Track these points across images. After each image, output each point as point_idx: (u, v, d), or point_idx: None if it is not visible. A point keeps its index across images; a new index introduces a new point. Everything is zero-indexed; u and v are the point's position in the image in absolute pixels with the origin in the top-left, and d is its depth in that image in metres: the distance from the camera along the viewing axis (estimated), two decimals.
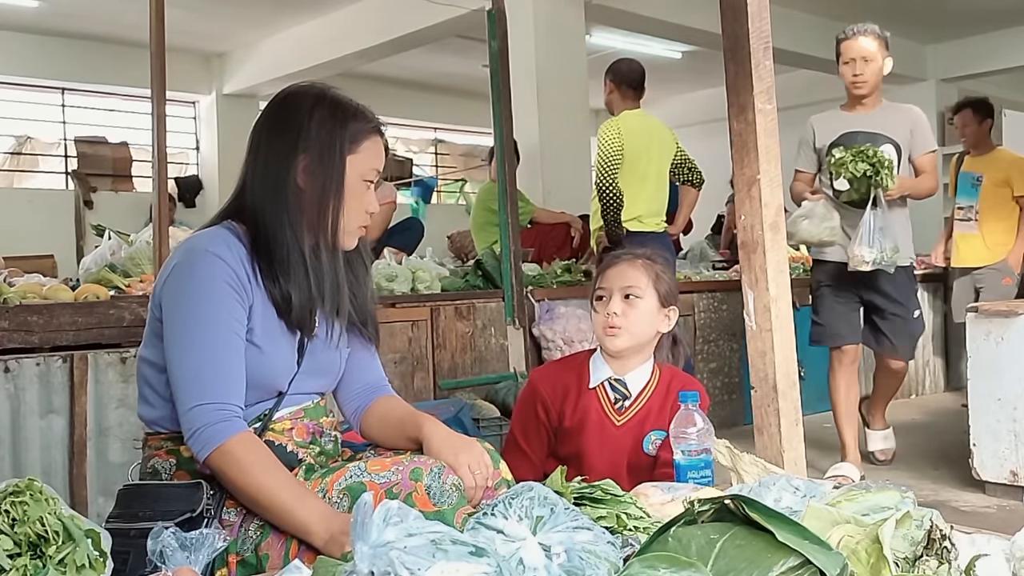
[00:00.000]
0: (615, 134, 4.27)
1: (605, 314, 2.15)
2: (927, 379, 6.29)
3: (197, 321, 1.56)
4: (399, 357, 3.80)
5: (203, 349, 1.55)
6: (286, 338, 1.67)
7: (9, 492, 1.22)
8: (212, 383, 1.54)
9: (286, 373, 1.67)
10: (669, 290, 2.21)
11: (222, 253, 1.60)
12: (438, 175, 11.29)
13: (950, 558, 1.22)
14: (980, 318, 3.48)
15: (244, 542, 1.53)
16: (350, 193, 1.67)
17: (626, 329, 2.14)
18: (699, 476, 1.84)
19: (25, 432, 2.85)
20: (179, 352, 1.56)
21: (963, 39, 9.14)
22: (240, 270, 1.61)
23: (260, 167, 1.69)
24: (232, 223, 1.68)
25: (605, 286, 2.19)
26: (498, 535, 1.23)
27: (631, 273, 2.18)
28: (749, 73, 2.00)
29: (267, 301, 1.64)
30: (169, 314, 1.60)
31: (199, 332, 1.56)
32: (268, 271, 1.63)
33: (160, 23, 3.14)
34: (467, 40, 7.75)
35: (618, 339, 2.15)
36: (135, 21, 4.92)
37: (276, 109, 1.72)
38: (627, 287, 2.16)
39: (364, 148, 1.69)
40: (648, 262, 2.21)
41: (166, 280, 1.63)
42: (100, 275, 3.55)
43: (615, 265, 2.22)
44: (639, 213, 4.32)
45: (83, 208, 8.51)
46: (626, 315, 2.14)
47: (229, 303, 1.58)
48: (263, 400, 1.66)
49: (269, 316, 1.64)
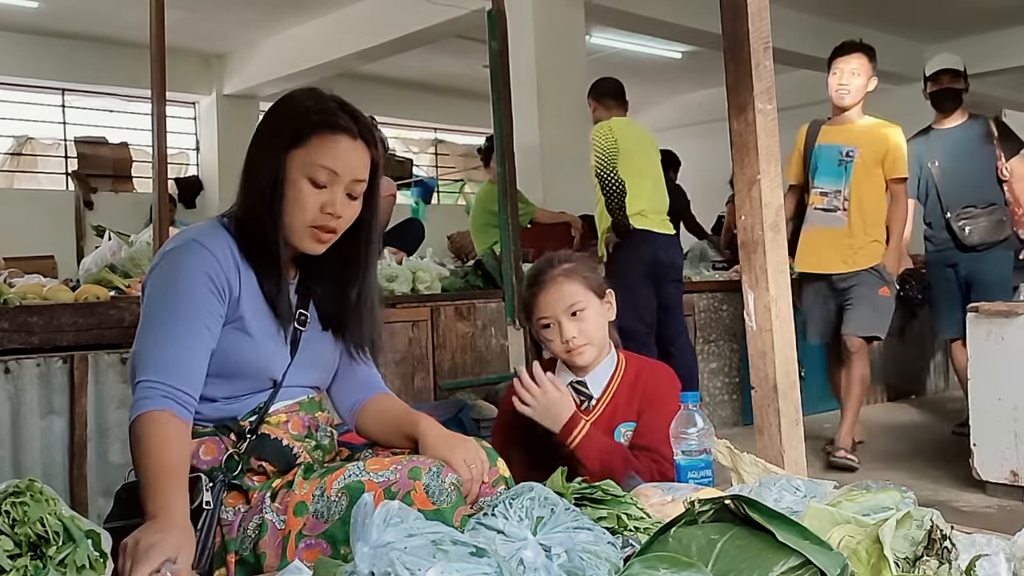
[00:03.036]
0: (607, 132, 4.37)
1: (562, 341, 2.12)
2: (927, 379, 6.29)
3: (167, 304, 1.57)
4: (399, 357, 3.81)
5: (164, 330, 1.55)
6: (277, 328, 1.67)
7: (9, 492, 1.22)
8: (163, 363, 1.53)
9: (279, 362, 1.68)
10: (597, 280, 2.19)
11: (208, 243, 1.61)
12: (438, 175, 11.30)
13: (950, 558, 1.22)
14: (980, 318, 3.48)
15: (243, 541, 1.53)
16: (291, 189, 1.62)
17: (588, 343, 2.13)
18: (699, 476, 1.84)
19: (25, 433, 2.85)
20: (143, 330, 1.58)
21: (963, 39, 9.13)
22: (227, 261, 1.62)
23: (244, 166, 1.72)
24: (223, 217, 1.71)
25: (547, 314, 2.13)
26: (498, 535, 1.23)
27: (565, 290, 2.12)
28: (749, 73, 2.00)
29: (258, 292, 1.65)
30: (144, 298, 1.62)
31: (166, 314, 1.57)
32: (253, 260, 1.65)
33: (160, 24, 3.14)
34: (467, 40, 7.76)
35: (585, 355, 2.14)
36: (135, 22, 4.92)
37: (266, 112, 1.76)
38: (569, 306, 2.12)
39: (310, 144, 1.63)
40: (568, 270, 2.15)
41: (152, 268, 1.66)
42: (100, 276, 3.56)
43: (543, 290, 2.13)
44: (642, 208, 4.34)
45: (83, 209, 8.52)
46: (582, 331, 2.12)
47: (203, 293, 1.58)
48: (258, 391, 1.66)
49: (260, 306, 1.65)
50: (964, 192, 4.57)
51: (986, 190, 4.58)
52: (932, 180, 4.64)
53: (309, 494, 1.51)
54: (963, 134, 4.69)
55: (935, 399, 6.06)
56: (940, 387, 6.32)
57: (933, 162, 4.63)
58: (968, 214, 4.55)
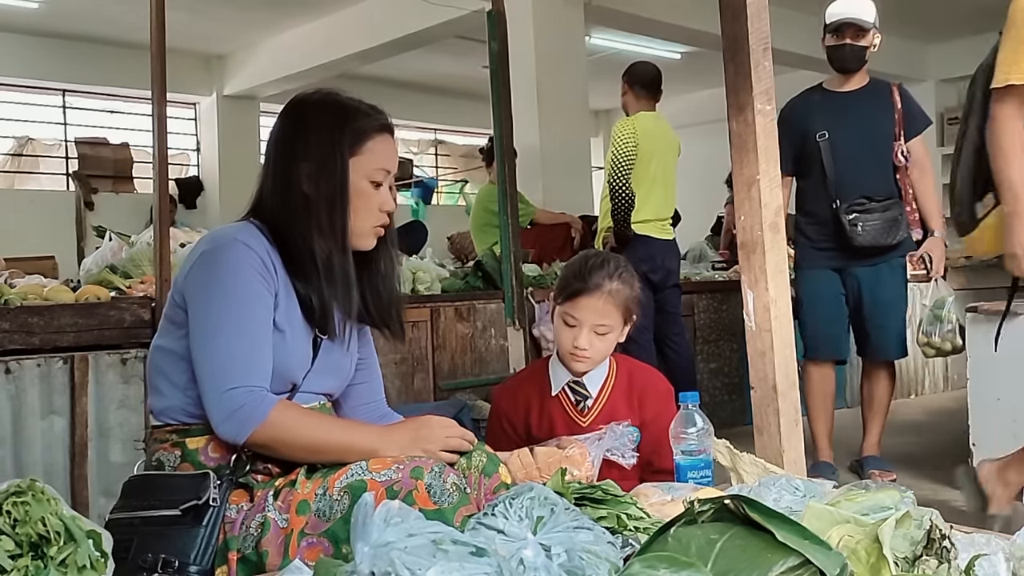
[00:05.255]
0: (630, 133, 4.29)
1: (573, 344, 2.12)
2: (927, 379, 6.29)
3: (227, 305, 1.58)
4: (399, 358, 3.81)
5: (233, 333, 1.56)
6: (305, 331, 1.69)
7: (11, 492, 1.22)
8: (244, 367, 1.55)
9: (302, 365, 1.69)
10: (634, 305, 2.18)
11: (249, 241, 1.63)
12: (438, 176, 11.31)
13: (950, 558, 1.22)
14: (980, 318, 3.48)
15: (245, 539, 1.53)
16: (357, 196, 1.68)
17: (592, 358, 2.15)
18: (699, 476, 1.84)
19: (26, 433, 2.85)
20: (207, 337, 1.57)
21: (963, 39, 9.14)
22: (266, 258, 1.64)
23: (270, 178, 1.73)
24: (255, 220, 1.72)
25: (577, 316, 2.12)
26: (498, 535, 1.23)
27: (604, 310, 2.12)
28: (748, 74, 2.01)
29: (291, 292, 1.67)
30: (195, 301, 1.61)
31: (229, 316, 1.57)
32: (287, 269, 1.67)
33: (161, 25, 3.14)
34: (467, 41, 7.77)
35: (583, 365, 2.17)
36: (136, 23, 4.93)
37: (282, 118, 1.75)
38: (599, 324, 2.12)
39: (367, 149, 1.69)
40: (617, 291, 2.13)
41: (191, 268, 1.65)
42: (101, 276, 3.56)
43: (588, 294, 2.12)
44: (647, 216, 4.33)
45: (84, 209, 8.53)
46: (593, 346, 2.13)
47: (258, 288, 1.60)
48: (278, 392, 1.67)
49: (292, 307, 1.67)
50: (859, 178, 3.67)
51: (884, 178, 3.73)
52: (819, 157, 3.70)
53: (312, 493, 1.52)
54: (865, 102, 3.78)
55: (935, 399, 6.06)
56: (940, 387, 6.33)
57: (822, 134, 3.71)
58: (861, 206, 3.64)
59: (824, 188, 3.70)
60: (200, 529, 1.49)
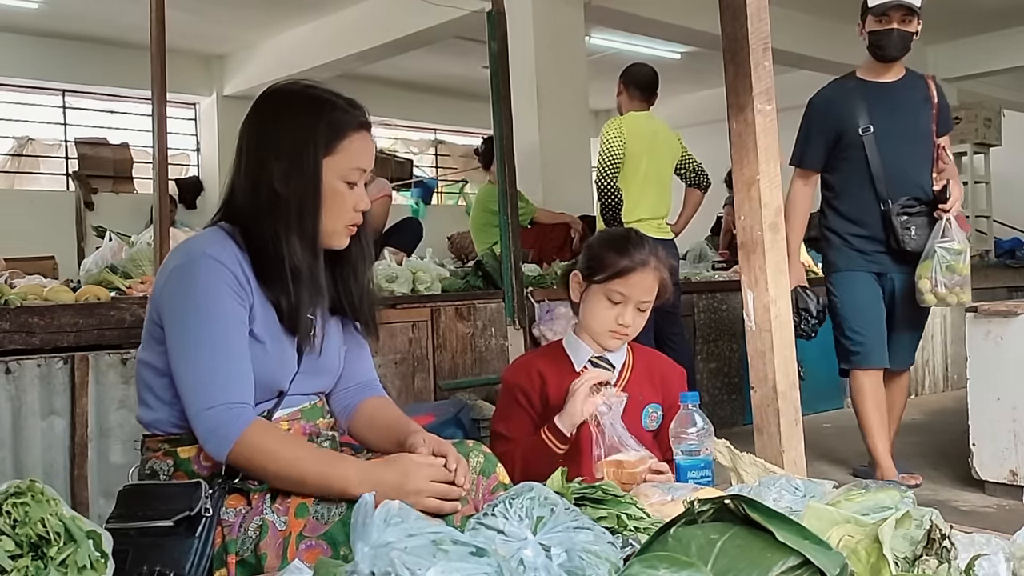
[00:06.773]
0: (617, 133, 4.31)
1: (617, 322, 2.11)
2: (927, 379, 6.29)
3: (201, 325, 1.55)
4: (399, 358, 3.81)
5: (210, 352, 1.54)
6: (287, 338, 1.66)
7: (11, 493, 1.22)
8: (222, 385, 1.54)
9: (288, 372, 1.67)
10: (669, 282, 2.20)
11: (219, 255, 1.59)
12: (438, 176, 11.30)
13: (950, 558, 1.22)
14: (980, 318, 3.48)
15: (243, 542, 1.53)
16: (331, 196, 1.63)
17: (630, 335, 2.15)
18: (699, 476, 1.84)
19: (26, 433, 2.85)
20: (185, 357, 1.56)
21: (963, 39, 9.15)
22: (238, 271, 1.60)
23: (242, 173, 1.68)
24: (226, 224, 1.68)
25: (625, 292, 2.10)
26: (498, 535, 1.23)
27: (651, 284, 2.12)
28: (748, 74, 2.01)
29: (266, 301, 1.64)
30: (171, 319, 1.59)
31: (204, 335, 1.55)
32: (260, 274, 1.63)
33: (160, 25, 3.14)
34: (467, 41, 7.76)
35: (620, 341, 2.16)
36: (136, 23, 4.92)
37: (255, 111, 1.70)
38: (644, 301, 2.12)
39: (343, 148, 1.63)
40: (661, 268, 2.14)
41: (164, 284, 1.62)
42: (101, 276, 3.56)
43: (640, 271, 2.11)
44: (642, 215, 4.33)
45: (84, 209, 8.52)
46: (635, 326, 2.13)
47: (231, 304, 1.57)
48: (264, 400, 1.66)
49: (270, 317, 1.64)
50: (906, 176, 3.45)
51: (927, 177, 3.49)
52: (862, 152, 3.45)
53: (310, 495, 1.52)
54: (907, 94, 3.54)
55: (935, 399, 6.06)
56: (940, 387, 6.32)
57: (866, 128, 3.45)
58: (912, 208, 3.42)
59: (867, 186, 3.46)
60: (194, 540, 1.48)
